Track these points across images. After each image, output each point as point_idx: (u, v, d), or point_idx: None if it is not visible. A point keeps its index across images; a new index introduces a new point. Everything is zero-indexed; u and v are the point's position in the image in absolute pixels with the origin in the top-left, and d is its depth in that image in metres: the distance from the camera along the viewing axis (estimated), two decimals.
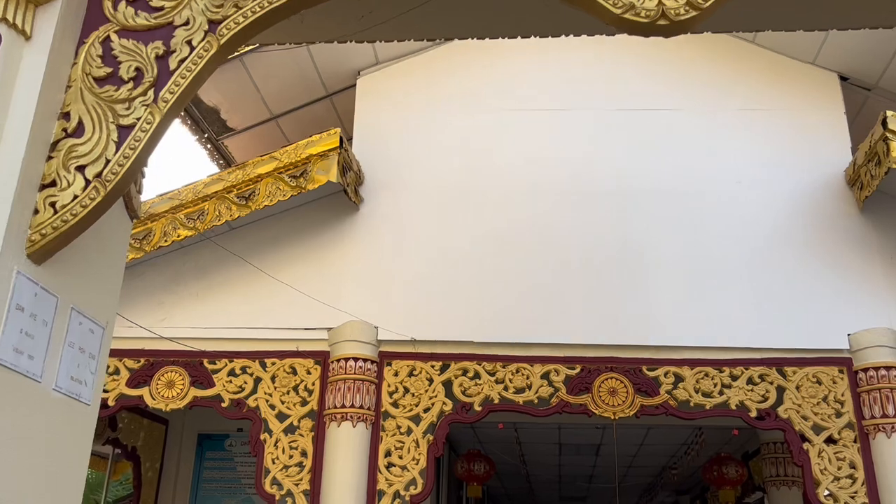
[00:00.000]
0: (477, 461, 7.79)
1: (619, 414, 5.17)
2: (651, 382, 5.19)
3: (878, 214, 5.46)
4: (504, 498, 15.32)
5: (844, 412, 5.03)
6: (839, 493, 4.87)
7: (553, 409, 5.20)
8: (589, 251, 5.50)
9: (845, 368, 5.13)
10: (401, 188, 5.70)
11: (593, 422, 7.98)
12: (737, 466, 7.64)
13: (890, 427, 4.85)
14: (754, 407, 5.08)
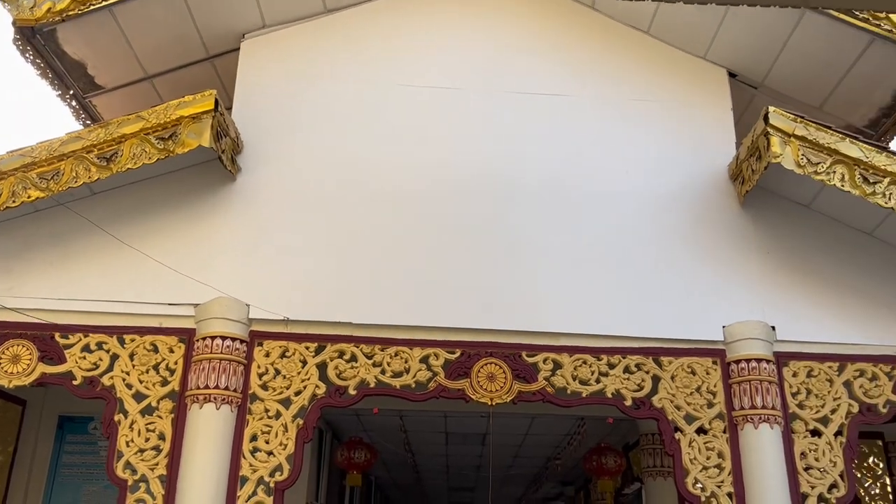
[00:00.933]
0: (358, 449, 7.59)
1: (496, 400, 5.07)
2: (530, 369, 5.11)
3: (758, 209, 5.55)
4: (392, 488, 15.20)
5: (716, 403, 5.09)
6: (707, 482, 4.92)
7: (430, 394, 5.05)
8: (472, 233, 5.37)
9: (719, 360, 5.19)
10: (282, 160, 5.42)
11: (478, 410, 7.92)
12: (616, 457, 7.73)
13: (758, 418, 4.93)
14: (630, 395, 5.08)
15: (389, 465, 11.86)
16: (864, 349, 5.23)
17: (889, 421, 7.47)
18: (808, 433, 5.05)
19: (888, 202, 4.78)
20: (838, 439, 5.03)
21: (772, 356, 5.12)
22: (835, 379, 5.16)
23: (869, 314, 5.34)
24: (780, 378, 5.13)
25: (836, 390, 5.13)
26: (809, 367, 5.18)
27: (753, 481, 4.84)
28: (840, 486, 4.93)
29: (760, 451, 4.88)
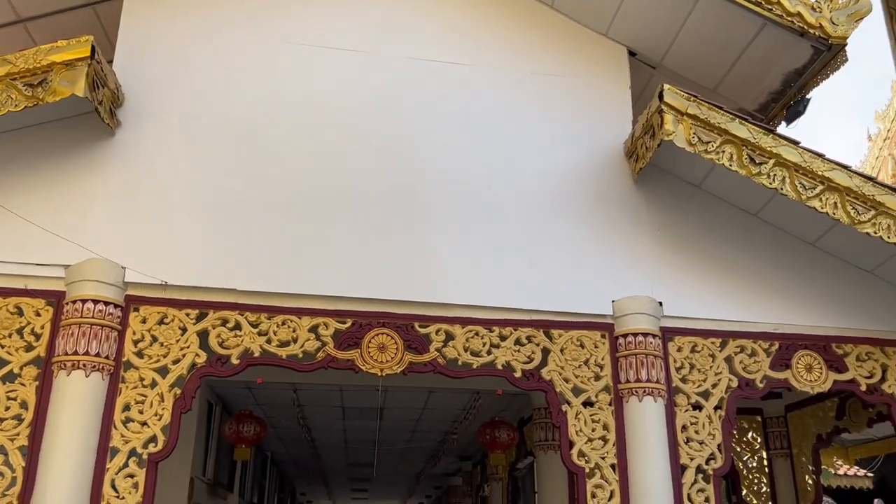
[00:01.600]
0: (247, 422, 7.37)
1: (386, 371, 4.97)
2: (421, 340, 5.04)
3: (651, 188, 5.63)
4: (290, 464, 14.96)
5: (603, 376, 5.15)
6: (591, 453, 4.98)
7: (319, 365, 4.91)
8: (367, 201, 5.23)
9: (607, 334, 5.25)
10: (166, 115, 5.12)
11: (374, 383, 7.82)
12: (509, 431, 7.79)
13: (642, 391, 5.02)
14: (520, 367, 5.08)
15: (285, 440, 11.65)
16: (745, 326, 5.40)
17: (767, 397, 7.88)
18: (689, 406, 5.18)
19: (773, 183, 4.92)
20: (717, 413, 5.18)
21: (658, 331, 5.22)
22: (717, 354, 5.31)
23: (751, 292, 5.51)
24: (665, 353, 5.24)
25: (718, 365, 5.28)
26: (693, 342, 5.31)
27: (636, 453, 4.93)
28: (717, 458, 5.08)
29: (643, 424, 4.97)
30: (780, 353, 5.38)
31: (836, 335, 5.47)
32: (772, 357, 5.36)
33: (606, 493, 4.91)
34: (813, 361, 5.39)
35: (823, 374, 5.37)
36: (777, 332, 5.42)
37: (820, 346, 5.44)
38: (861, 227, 4.88)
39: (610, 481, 4.93)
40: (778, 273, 5.58)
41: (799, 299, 5.54)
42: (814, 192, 4.91)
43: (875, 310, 5.58)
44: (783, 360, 5.37)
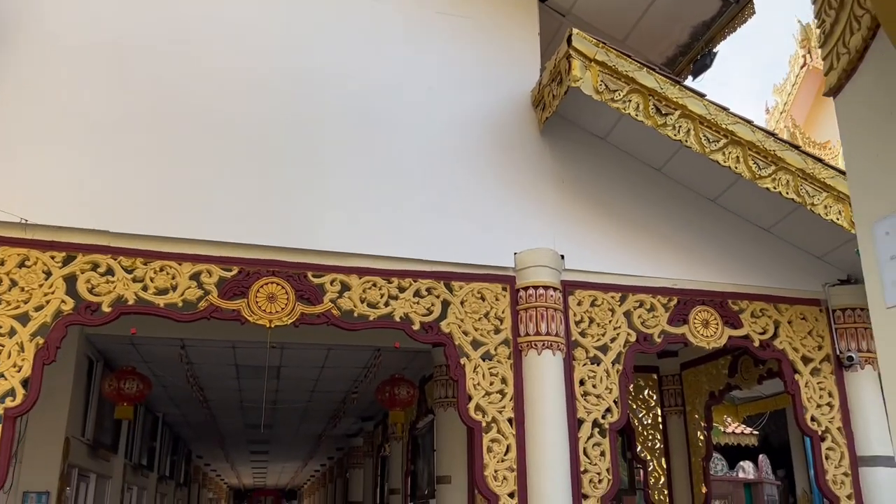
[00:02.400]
0: (129, 379, 6.91)
1: (276, 322, 4.67)
2: (315, 290, 4.76)
3: (557, 139, 5.49)
4: (184, 426, 14.41)
5: (503, 329, 5.02)
6: (489, 407, 4.85)
7: (200, 314, 4.56)
8: (259, 143, 4.89)
9: (508, 286, 5.11)
10: (42, 41, 4.60)
11: (266, 340, 7.50)
12: (408, 388, 7.62)
13: (542, 344, 4.91)
14: (418, 320, 4.88)
15: (177, 400, 11.15)
16: (645, 281, 5.37)
17: (662, 356, 8.00)
18: (588, 360, 5.12)
19: (677, 135, 4.84)
20: (615, 367, 5.14)
21: (559, 284, 5.12)
22: (616, 309, 5.25)
23: (653, 248, 5.47)
24: (565, 306, 5.14)
25: (617, 320, 5.23)
26: (594, 296, 5.24)
27: (533, 406, 4.83)
28: (614, 412, 5.04)
29: (542, 377, 4.88)
30: (679, 308, 5.38)
31: (733, 292, 5.51)
32: (670, 312, 5.35)
33: (503, 448, 4.80)
34: (710, 317, 5.42)
35: (719, 330, 5.41)
36: (676, 288, 5.41)
37: (717, 303, 5.47)
38: (761, 181, 4.88)
39: (507, 435, 4.82)
40: (679, 229, 5.56)
41: (698, 256, 5.54)
42: (717, 145, 4.87)
43: (770, 267, 5.65)
44: (681, 316, 5.38)
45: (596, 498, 4.85)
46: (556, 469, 4.71)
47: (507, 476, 4.75)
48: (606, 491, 4.87)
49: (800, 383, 5.46)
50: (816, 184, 4.89)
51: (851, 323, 5.50)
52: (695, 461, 7.40)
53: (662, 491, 7.52)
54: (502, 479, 4.74)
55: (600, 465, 4.93)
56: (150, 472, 12.09)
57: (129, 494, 11.30)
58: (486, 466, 4.75)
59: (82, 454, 7.59)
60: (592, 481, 4.87)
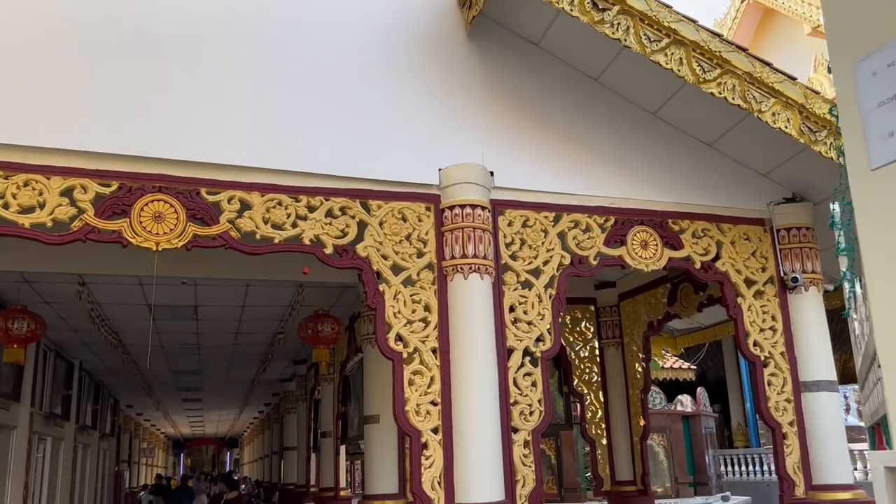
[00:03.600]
0: (18, 319, 6.25)
1: (164, 245, 4.10)
2: (209, 208, 4.19)
3: (485, 42, 4.97)
4: (106, 373, 13.71)
5: (426, 252, 4.55)
6: (410, 336, 4.41)
7: (74, 236, 3.96)
8: (142, 41, 4.25)
9: (432, 206, 4.63)
10: None
11: (178, 275, 6.90)
12: (332, 324, 7.14)
13: (468, 268, 4.46)
14: (331, 243, 4.37)
15: (93, 346, 10.47)
16: (580, 200, 4.95)
17: (600, 287, 7.68)
18: (518, 285, 4.71)
19: (616, 33, 4.36)
20: (548, 292, 4.74)
21: (488, 203, 4.66)
22: (549, 230, 4.83)
23: (589, 164, 5.05)
24: (494, 227, 4.70)
25: (551, 241, 4.82)
26: (525, 216, 4.80)
27: (459, 335, 4.41)
28: (546, 340, 4.66)
29: (469, 303, 4.44)
30: (616, 228, 4.99)
31: (674, 211, 5.15)
32: (607, 233, 4.96)
33: (426, 380, 4.37)
34: (649, 238, 5.04)
35: (659, 251, 5.04)
36: (613, 207, 5.01)
37: (656, 222, 5.09)
38: (706, 86, 4.45)
39: (430, 366, 4.39)
40: (617, 144, 5.14)
41: (638, 173, 5.14)
42: (659, 45, 4.40)
43: (713, 185, 5.29)
44: (618, 237, 4.99)
45: (527, 431, 4.49)
46: (484, 401, 4.32)
47: (431, 410, 4.34)
48: (538, 423, 4.51)
49: (742, 307, 5.16)
50: (764, 89, 4.49)
51: (797, 243, 5.20)
52: (633, 394, 7.16)
53: (600, 425, 7.28)
54: (425, 414, 4.33)
55: (531, 396, 4.55)
56: (65, 422, 11.43)
57: (43, 445, 10.66)
58: (408, 401, 4.33)
59: None
60: (523, 413, 4.50)
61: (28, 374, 8.77)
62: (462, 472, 4.22)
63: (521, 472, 4.43)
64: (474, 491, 4.17)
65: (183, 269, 6.56)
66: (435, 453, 4.28)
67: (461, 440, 4.26)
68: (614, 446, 7.17)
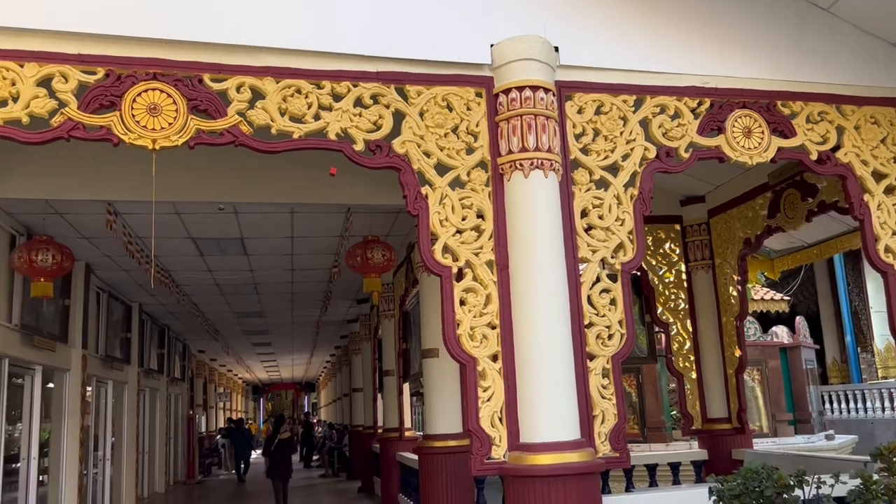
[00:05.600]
0: (43, 251, 5.77)
1: (162, 142, 3.44)
2: (215, 98, 3.50)
3: None
4: (169, 317, 13.52)
5: (477, 147, 3.76)
6: (460, 248, 3.66)
7: (54, 133, 3.34)
8: None
9: (484, 90, 3.83)
10: None
11: (212, 199, 6.31)
12: (383, 250, 6.45)
13: (529, 164, 3.66)
14: (362, 138, 3.63)
15: (146, 286, 10.12)
16: (667, 80, 4.08)
17: (687, 202, 6.74)
18: (592, 185, 3.89)
19: None
20: (628, 192, 3.91)
21: (552, 85, 3.81)
22: (629, 117, 3.98)
23: (678, 35, 4.16)
24: (561, 115, 3.86)
25: (631, 131, 3.97)
26: (599, 101, 3.96)
27: (521, 245, 3.63)
28: (627, 249, 3.85)
29: (531, 207, 3.65)
30: (712, 113, 4.09)
31: (783, 90, 4.19)
32: (700, 119, 4.07)
33: (481, 299, 3.63)
34: (752, 124, 4.12)
35: (765, 140, 4.12)
36: (708, 87, 4.10)
37: (762, 105, 4.16)
38: None
39: (485, 283, 3.64)
40: (712, 10, 4.19)
41: (738, 45, 4.21)
42: None
43: (832, 59, 4.31)
44: (715, 123, 4.09)
45: (605, 358, 3.72)
46: (552, 323, 3.55)
47: (488, 334, 3.61)
48: (619, 348, 3.73)
49: (870, 206, 4.20)
50: None
51: None
52: (726, 321, 6.26)
53: (688, 357, 6.42)
54: (481, 339, 3.60)
55: (610, 316, 3.77)
56: (125, 365, 11.23)
57: (103, 388, 10.48)
58: (460, 323, 3.61)
59: (12, 342, 6.57)
60: (600, 337, 3.73)
61: (76, 315, 8.44)
62: (527, 407, 3.50)
63: (600, 405, 3.67)
64: (543, 428, 3.44)
65: (217, 192, 5.99)
66: (494, 384, 3.56)
67: (525, 369, 3.53)
68: (705, 380, 6.32)
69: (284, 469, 10.77)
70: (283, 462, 10.80)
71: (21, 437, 7.32)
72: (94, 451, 10.04)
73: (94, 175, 5.68)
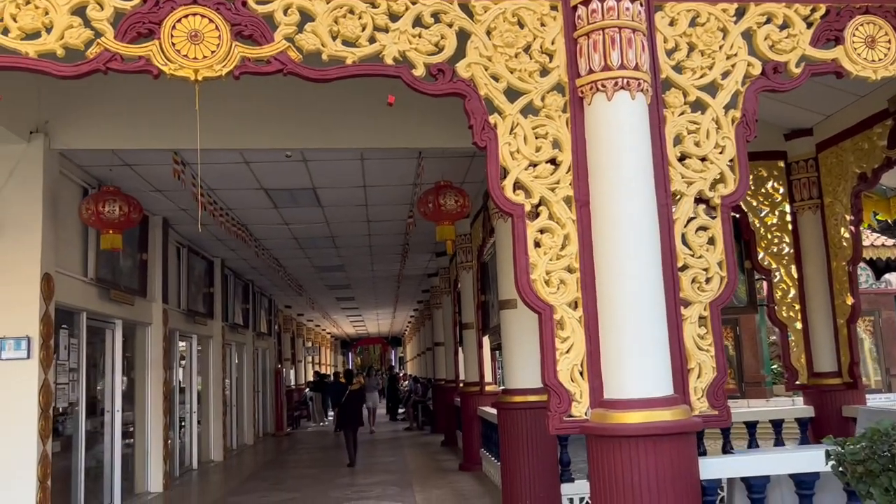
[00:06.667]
0: (110, 202, 5.66)
1: (204, 72, 3.16)
2: (260, 23, 3.19)
3: None
4: (252, 272, 13.60)
5: (553, 67, 3.34)
6: (534, 183, 3.26)
7: (91, 65, 3.11)
8: None
9: (560, 3, 3.41)
10: None
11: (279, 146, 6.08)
12: (457, 195, 6.07)
13: (613, 84, 3.21)
14: (422, 61, 3.26)
15: (226, 241, 10.11)
16: None
17: (792, 136, 6.09)
18: (686, 107, 3.41)
19: None
20: (730, 114, 3.41)
21: None
22: (730, 28, 3.45)
23: None
24: (650, 28, 3.38)
25: (732, 44, 3.45)
26: (694, 10, 3.45)
27: (604, 177, 3.20)
28: (728, 180, 3.37)
29: (615, 133, 3.20)
30: (828, 21, 3.52)
31: None
32: (814, 28, 3.50)
33: (558, 240, 3.24)
34: (877, 32, 3.53)
35: (892, 50, 3.51)
36: None
37: (888, 10, 3.54)
38: None
39: (562, 222, 3.24)
40: None
41: None
42: None
43: None
44: (831, 33, 3.52)
45: (702, 304, 3.27)
46: (641, 265, 3.12)
47: (566, 279, 3.22)
48: (718, 293, 3.28)
49: None
50: None
51: None
52: (836, 267, 5.65)
53: (793, 306, 5.85)
54: (558, 284, 3.22)
55: (708, 257, 3.31)
56: (208, 320, 11.34)
57: (187, 342, 10.61)
58: (534, 267, 3.23)
59: (86, 293, 6.57)
60: (696, 281, 3.28)
61: (155, 270, 8.46)
62: (611, 360, 3.11)
63: (696, 358, 3.24)
64: (630, 383, 3.05)
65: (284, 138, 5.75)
66: (573, 335, 3.18)
67: (609, 318, 3.13)
68: (812, 331, 5.75)
69: (355, 419, 11.28)
70: (354, 413, 11.32)
71: (104, 390, 7.42)
72: (181, 404, 10.21)
73: (160, 124, 5.53)
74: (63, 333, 6.09)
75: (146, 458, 8.43)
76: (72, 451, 6.54)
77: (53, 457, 5.61)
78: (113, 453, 7.47)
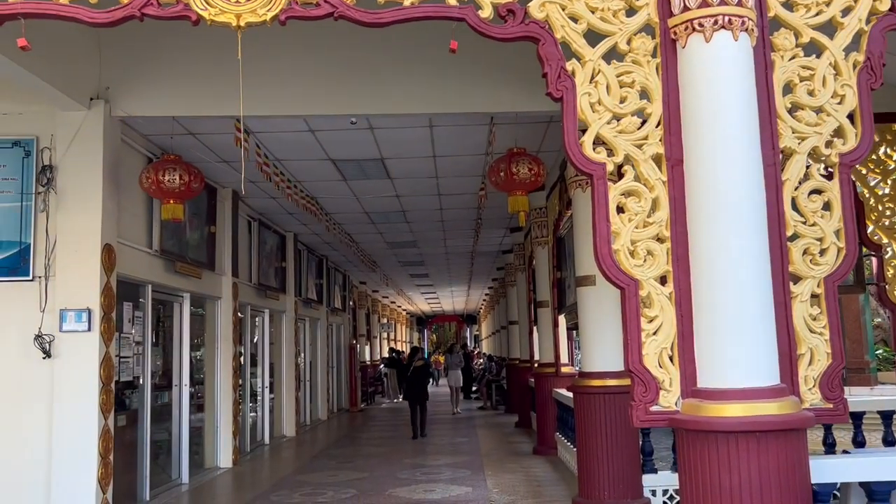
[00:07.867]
0: (170, 171, 5.48)
1: (247, 17, 2.88)
2: None
3: None
4: (325, 247, 13.49)
5: (641, 5, 2.93)
6: (618, 139, 2.86)
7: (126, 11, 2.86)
8: None
9: None
10: None
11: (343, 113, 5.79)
12: (530, 163, 5.64)
13: (711, 23, 2.76)
14: (490, 1, 2.89)
15: (297, 214, 9.95)
16: None
17: None
18: (798, 50, 2.92)
19: None
20: (850, 58, 2.91)
21: None
22: None
23: None
24: None
25: None
26: None
27: (700, 133, 2.76)
28: (847, 136, 2.88)
29: (714, 81, 2.76)
30: None
31: None
32: None
33: (644, 205, 2.83)
34: None
35: None
36: None
37: None
38: None
39: (651, 184, 2.83)
40: None
41: None
42: None
43: None
44: None
45: (815, 280, 2.81)
46: (743, 234, 2.67)
47: (654, 250, 2.81)
48: (834, 267, 2.81)
49: None
50: None
51: None
52: None
53: None
54: (644, 256, 2.81)
55: (822, 225, 2.84)
56: (281, 294, 11.25)
57: (259, 317, 10.55)
58: (617, 236, 2.83)
59: (154, 268, 6.47)
60: (808, 253, 2.82)
61: (224, 243, 8.35)
62: (707, 343, 2.68)
63: (807, 342, 2.79)
64: (729, 370, 2.62)
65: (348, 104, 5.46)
66: (662, 314, 2.77)
67: (704, 295, 2.70)
68: None
69: (420, 393, 11.64)
70: (419, 386, 11.68)
71: (172, 363, 7.36)
72: (252, 379, 10.17)
73: (222, 91, 5.30)
74: (127, 306, 5.99)
75: (215, 433, 8.38)
76: (138, 425, 6.48)
77: (118, 431, 5.52)
78: (181, 428, 7.41)
